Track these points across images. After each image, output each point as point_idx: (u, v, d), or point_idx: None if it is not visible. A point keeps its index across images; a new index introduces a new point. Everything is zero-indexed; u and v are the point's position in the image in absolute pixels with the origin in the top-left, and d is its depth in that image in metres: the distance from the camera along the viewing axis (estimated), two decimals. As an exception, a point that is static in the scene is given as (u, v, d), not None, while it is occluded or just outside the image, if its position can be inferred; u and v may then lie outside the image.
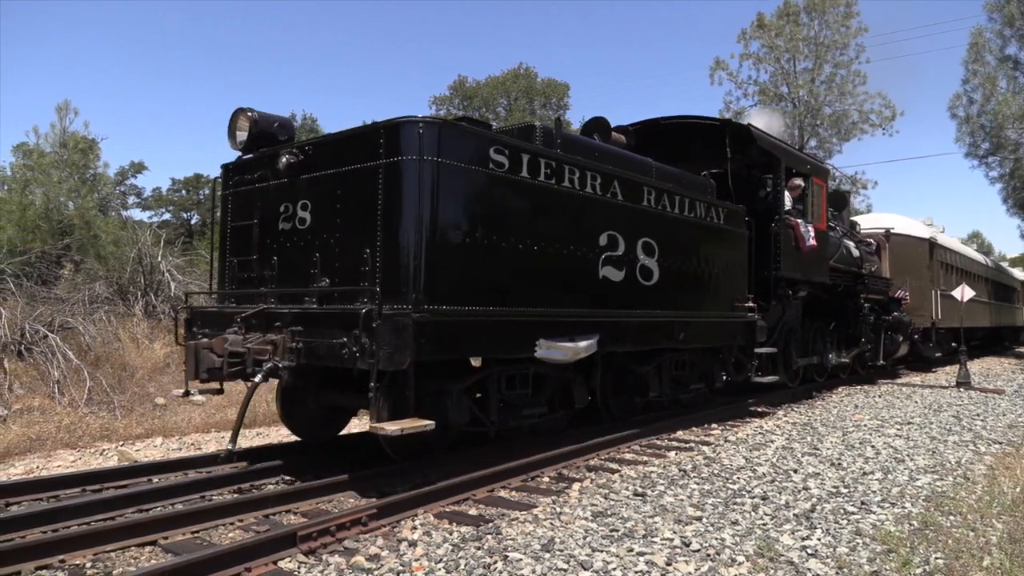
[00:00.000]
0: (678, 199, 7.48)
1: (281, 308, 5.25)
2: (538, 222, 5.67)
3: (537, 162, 5.67)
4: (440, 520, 4.42)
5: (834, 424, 8.41)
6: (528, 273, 5.57)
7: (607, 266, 6.43)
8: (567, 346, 5.80)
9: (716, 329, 8.21)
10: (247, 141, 5.83)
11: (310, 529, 3.84)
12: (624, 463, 6.14)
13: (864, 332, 13.38)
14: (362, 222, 4.94)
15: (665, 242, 7.18)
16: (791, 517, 4.55)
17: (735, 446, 6.92)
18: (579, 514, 4.52)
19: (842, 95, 33.16)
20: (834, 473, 5.83)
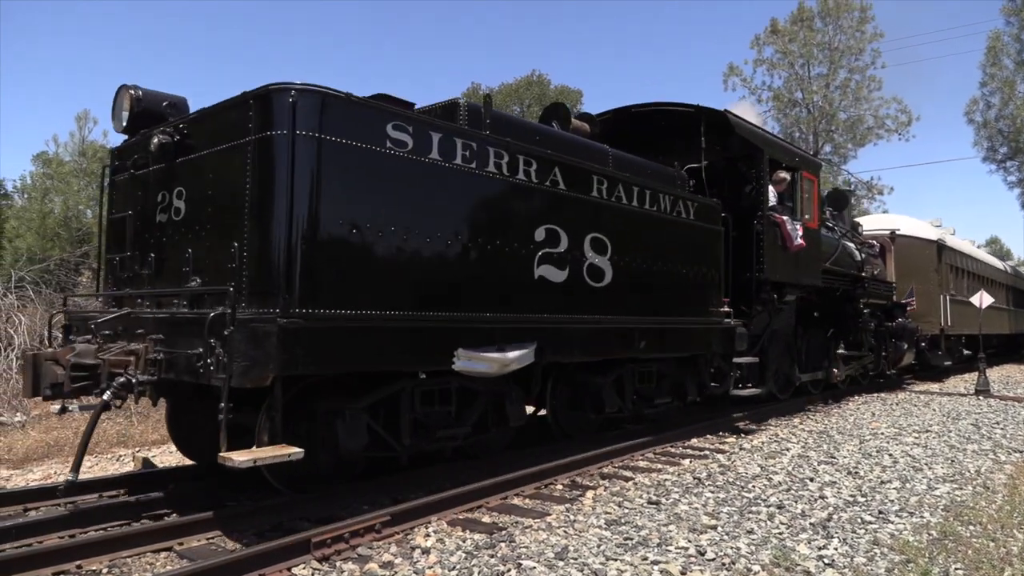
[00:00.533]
0: (637, 191, 6.63)
1: (144, 313, 4.56)
2: (454, 213, 4.90)
3: (452, 143, 4.87)
4: (453, 527, 4.41)
5: (850, 432, 8.33)
6: (441, 272, 4.80)
7: (545, 265, 5.60)
8: (493, 357, 5.05)
9: (686, 337, 7.37)
10: (129, 121, 5.04)
11: (324, 536, 3.84)
12: (638, 471, 6.11)
13: (864, 340, 12.51)
14: (231, 211, 4.20)
15: (621, 239, 6.37)
16: (807, 526, 4.51)
17: (750, 454, 6.86)
18: (593, 522, 4.50)
19: (857, 100, 32.95)
20: (851, 482, 5.77)
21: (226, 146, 4.31)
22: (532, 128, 6.17)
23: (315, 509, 4.59)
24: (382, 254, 4.42)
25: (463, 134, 5.02)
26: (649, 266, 6.78)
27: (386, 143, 4.44)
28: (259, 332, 3.83)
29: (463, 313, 4.96)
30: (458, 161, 4.92)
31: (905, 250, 15.59)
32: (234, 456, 3.72)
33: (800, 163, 9.73)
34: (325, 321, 4.09)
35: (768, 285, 8.68)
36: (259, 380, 3.85)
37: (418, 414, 5.16)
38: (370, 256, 4.35)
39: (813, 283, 9.90)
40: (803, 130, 33.75)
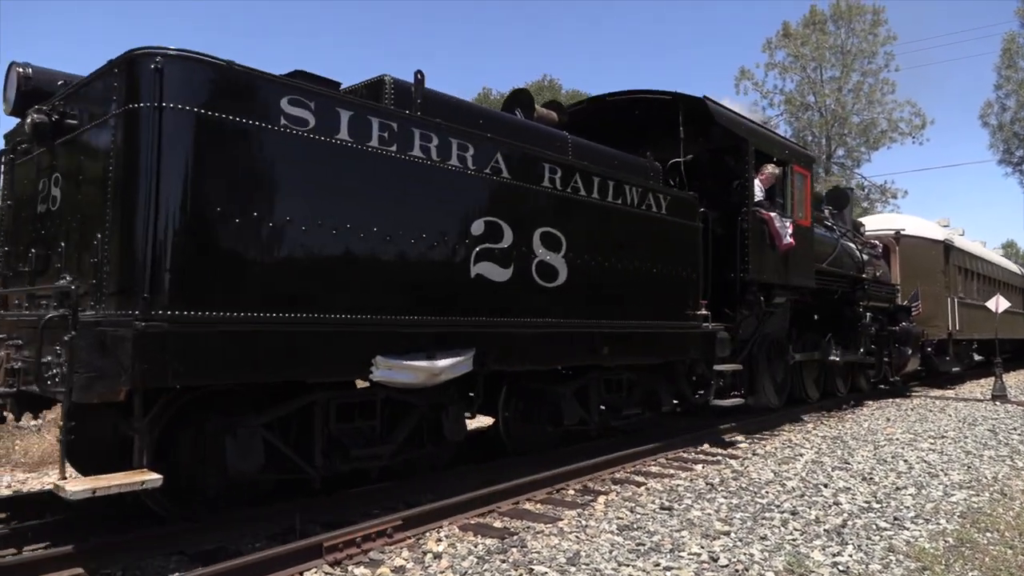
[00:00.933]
0: (598, 181, 6.03)
1: (8, 315, 4.12)
2: (369, 202, 4.30)
3: (365, 122, 4.28)
4: (465, 532, 4.41)
5: (865, 438, 8.25)
6: (352, 269, 4.21)
7: (484, 262, 4.99)
8: (419, 366, 4.48)
9: (658, 342, 6.77)
10: (17, 101, 4.47)
11: (336, 540, 3.85)
12: (650, 476, 6.08)
13: (864, 345, 11.81)
14: (96, 198, 3.68)
15: (579, 235, 5.79)
16: (821, 532, 4.47)
17: (763, 459, 6.82)
18: (605, 527, 4.48)
19: (870, 104, 32.86)
20: (865, 488, 5.72)
21: (94, 123, 3.77)
22: (476, 111, 5.57)
23: (328, 513, 4.59)
24: (275, 248, 3.83)
25: (381, 113, 4.42)
26: (614, 265, 6.17)
27: (280, 120, 3.86)
28: (107, 338, 3.27)
29: (381, 316, 4.33)
30: (374, 143, 4.32)
31: (910, 251, 15.00)
32: (67, 486, 3.15)
33: (790, 156, 9.09)
34: (202, 325, 3.52)
35: (755, 286, 8.11)
36: (108, 395, 3.30)
37: (334, 431, 4.55)
38: (260, 250, 3.77)
39: (805, 284, 9.32)
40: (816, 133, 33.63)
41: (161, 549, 3.92)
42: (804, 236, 9.17)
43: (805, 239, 9.20)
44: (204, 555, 3.89)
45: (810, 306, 10.31)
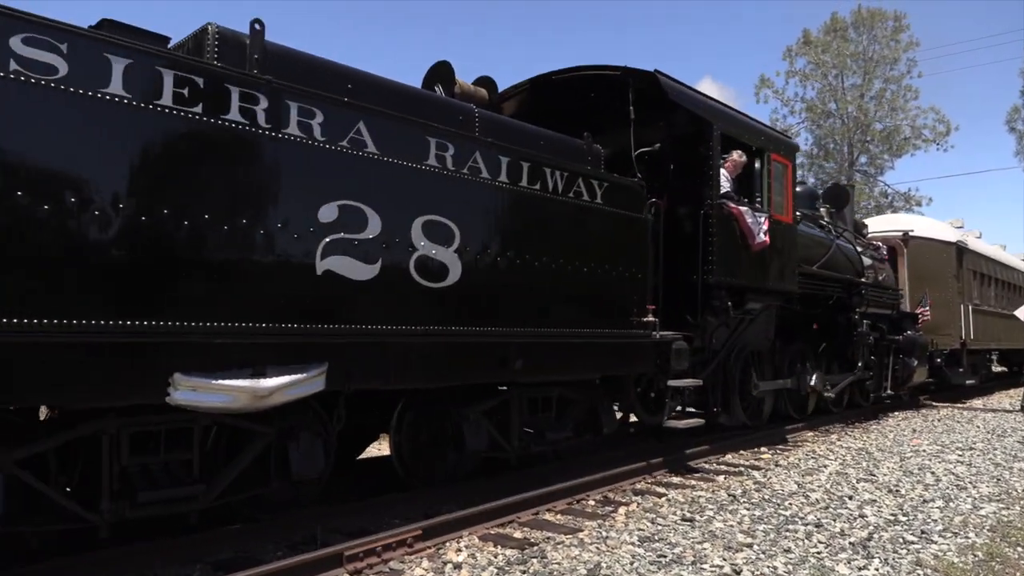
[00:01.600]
0: (507, 162, 5.12)
1: None
2: (161, 176, 3.43)
3: (153, 75, 3.40)
4: (485, 542, 4.40)
5: (890, 449, 8.14)
6: (138, 261, 3.32)
7: (337, 256, 4.09)
8: (237, 385, 3.59)
9: (593, 354, 5.84)
10: None
11: (357, 549, 3.87)
12: (671, 487, 6.04)
13: (861, 355, 10.61)
14: None
15: (479, 225, 4.92)
16: (847, 545, 4.41)
17: (786, 471, 6.74)
18: (626, 539, 4.45)
19: (893, 110, 32.51)
20: (892, 500, 5.63)
21: None
22: (343, 74, 4.67)
23: (349, 522, 4.61)
24: (10, 233, 2.96)
25: (181, 65, 3.53)
26: (530, 262, 5.27)
27: (9, 64, 2.99)
28: None
29: (178, 323, 3.45)
30: (166, 102, 3.43)
31: (919, 254, 13.92)
32: None
33: (767, 143, 8.08)
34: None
35: (723, 290, 7.14)
36: None
37: (128, 466, 3.63)
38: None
39: (786, 289, 8.26)
40: (837, 141, 33.34)
41: (184, 557, 3.94)
42: (785, 234, 8.18)
43: (786, 238, 8.22)
44: (226, 563, 3.91)
45: (799, 313, 9.34)
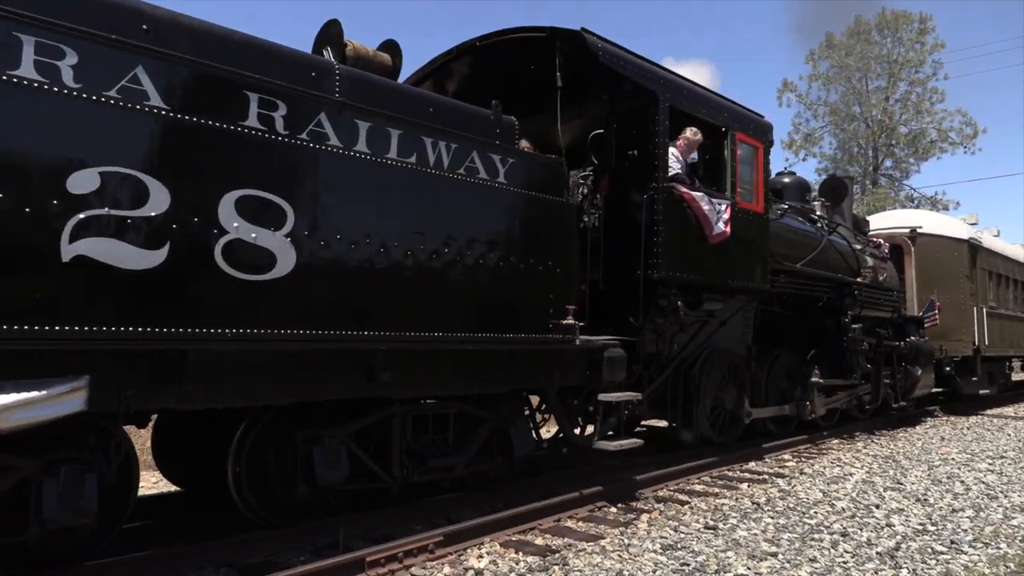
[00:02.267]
0: (367, 128, 4.27)
1: None
2: None
3: None
4: (506, 549, 4.40)
5: (918, 457, 8.01)
6: None
7: (96, 238, 3.24)
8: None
9: (493, 364, 4.96)
10: None
11: (378, 555, 3.89)
12: (694, 494, 5.99)
13: (855, 363, 9.58)
14: None
15: (323, 204, 4.03)
16: (874, 555, 4.34)
17: (811, 479, 6.66)
18: (648, 546, 4.43)
19: (918, 113, 32.12)
20: (920, 509, 5.54)
21: None
22: (137, 13, 3.59)
23: (371, 527, 4.62)
24: None
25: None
26: (401, 252, 4.37)
27: None
28: None
29: None
30: None
31: (928, 252, 13.04)
32: None
33: (732, 121, 7.20)
34: None
35: (672, 288, 6.32)
36: None
37: None
38: None
39: (753, 287, 7.35)
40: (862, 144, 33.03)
41: (209, 561, 3.98)
42: (753, 226, 7.30)
43: (755, 229, 7.33)
44: (251, 568, 3.95)
45: (784, 316, 8.71)
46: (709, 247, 6.61)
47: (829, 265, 9.26)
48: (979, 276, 13.77)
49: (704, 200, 6.48)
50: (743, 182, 7.21)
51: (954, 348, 12.79)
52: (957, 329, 12.92)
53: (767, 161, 7.68)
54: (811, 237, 9.13)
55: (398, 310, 4.39)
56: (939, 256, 13.14)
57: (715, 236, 6.56)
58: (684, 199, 6.37)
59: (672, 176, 6.36)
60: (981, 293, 13.76)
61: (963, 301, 13.14)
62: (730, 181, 7.03)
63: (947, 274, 13.07)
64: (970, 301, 13.26)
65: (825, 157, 33.33)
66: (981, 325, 13.50)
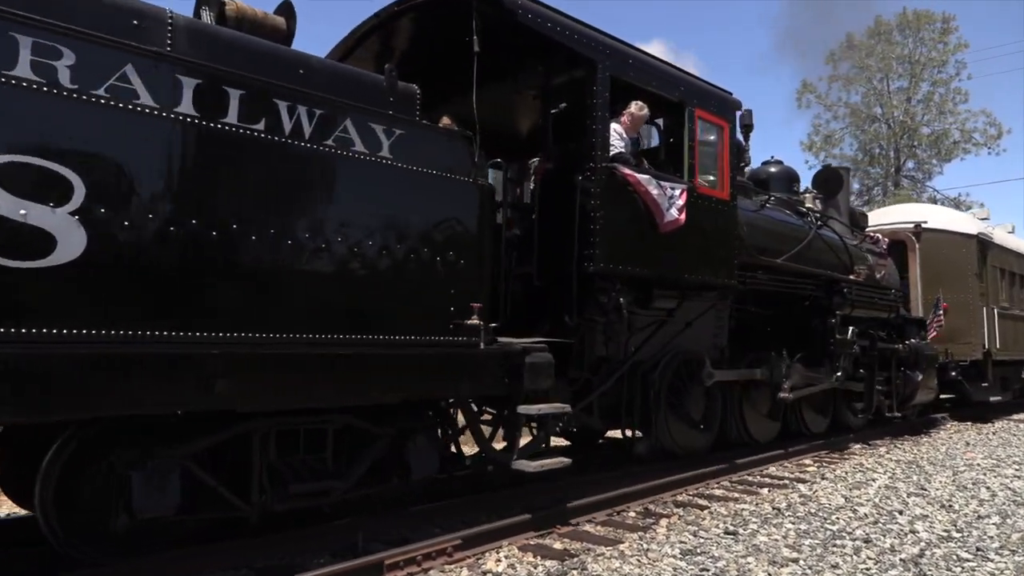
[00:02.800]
0: (195, 86, 3.56)
1: None
2: None
3: None
4: (524, 553, 4.39)
5: (942, 463, 7.89)
6: None
7: None
8: None
9: (377, 371, 4.23)
10: None
11: (397, 558, 3.91)
12: (714, 499, 5.94)
13: (843, 368, 8.74)
14: None
15: (133, 175, 3.36)
16: (897, 562, 4.29)
17: (833, 484, 6.59)
18: (667, 551, 4.40)
19: (941, 114, 31.69)
20: (944, 516, 5.46)
21: None
22: None
23: (389, 530, 4.64)
24: None
25: None
26: (244, 236, 3.69)
27: None
28: None
29: None
30: None
31: (933, 249, 12.17)
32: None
33: (690, 96, 6.43)
34: None
35: (615, 283, 5.65)
36: None
37: None
38: None
39: (717, 282, 6.63)
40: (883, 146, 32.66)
41: (228, 563, 4.01)
42: (717, 214, 6.55)
43: (719, 218, 6.59)
44: (270, 570, 3.97)
45: (765, 317, 8.12)
46: (660, 237, 5.90)
47: (817, 261, 8.61)
48: (990, 274, 12.94)
49: (652, 183, 5.73)
50: (705, 166, 6.51)
51: (962, 351, 12.00)
52: (965, 331, 12.09)
53: (735, 143, 6.93)
54: (796, 230, 8.48)
55: (239, 307, 3.67)
56: (946, 253, 12.30)
57: (667, 224, 5.84)
58: (628, 182, 5.65)
59: (614, 156, 5.69)
60: (992, 293, 12.91)
61: (971, 301, 12.26)
62: (687, 163, 6.29)
63: (954, 272, 12.26)
64: (979, 301, 12.38)
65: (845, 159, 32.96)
66: (992, 327, 12.63)
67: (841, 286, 8.80)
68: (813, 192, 9.88)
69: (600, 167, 5.55)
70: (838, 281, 8.83)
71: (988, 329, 12.48)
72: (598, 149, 5.57)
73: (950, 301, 11.75)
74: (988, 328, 12.49)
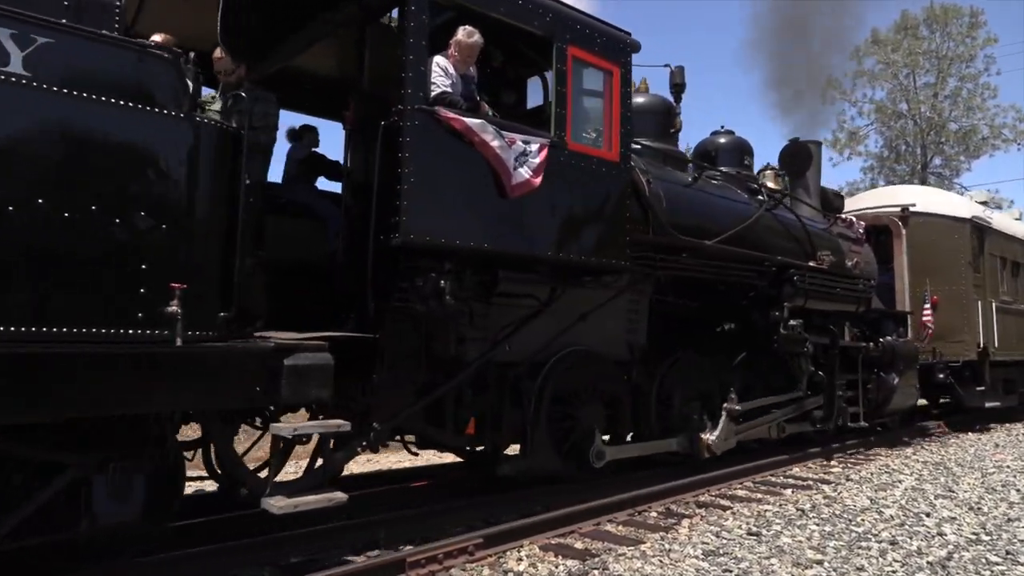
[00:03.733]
0: None
1: None
2: None
3: None
4: (546, 552, 4.39)
5: (971, 464, 7.77)
6: None
7: None
8: None
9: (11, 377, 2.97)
10: None
11: (418, 556, 3.93)
12: (736, 500, 5.90)
13: (799, 370, 7.72)
14: None
15: None
16: (924, 565, 4.23)
17: (858, 485, 6.51)
18: (689, 552, 4.37)
19: (969, 110, 31.10)
20: (973, 518, 5.38)
21: None
22: None
23: (411, 528, 4.66)
24: None
25: None
26: None
27: None
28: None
29: None
30: None
31: (922, 235, 10.76)
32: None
33: (556, 28, 5.12)
34: None
35: (442, 260, 4.52)
36: None
37: None
38: None
39: (598, 264, 5.38)
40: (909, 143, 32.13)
41: (252, 560, 4.07)
42: (600, 178, 5.34)
43: (604, 184, 5.37)
44: (294, 567, 4.02)
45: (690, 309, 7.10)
46: (507, 204, 4.68)
47: (765, 245, 7.33)
48: (988, 264, 11.54)
49: (490, 133, 4.56)
50: (583, 119, 5.32)
51: (954, 351, 10.65)
52: (957, 328, 10.71)
53: (627, 92, 5.59)
54: (734, 208, 7.13)
55: None
56: (936, 239, 10.91)
57: (516, 187, 4.65)
58: (455, 130, 4.46)
59: (436, 97, 4.53)
60: (991, 284, 11.53)
61: (965, 294, 10.88)
62: (554, 113, 5.09)
63: (946, 261, 10.88)
64: (974, 294, 11.00)
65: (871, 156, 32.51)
66: (989, 323, 11.21)
67: (791, 274, 7.47)
68: (775, 169, 8.70)
69: (412, 110, 4.32)
70: (787, 267, 7.51)
71: (985, 325, 11.12)
72: (411, 87, 4.36)
73: (941, 294, 10.51)
74: (985, 324, 11.12)
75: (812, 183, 9.20)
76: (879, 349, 8.85)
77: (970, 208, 11.69)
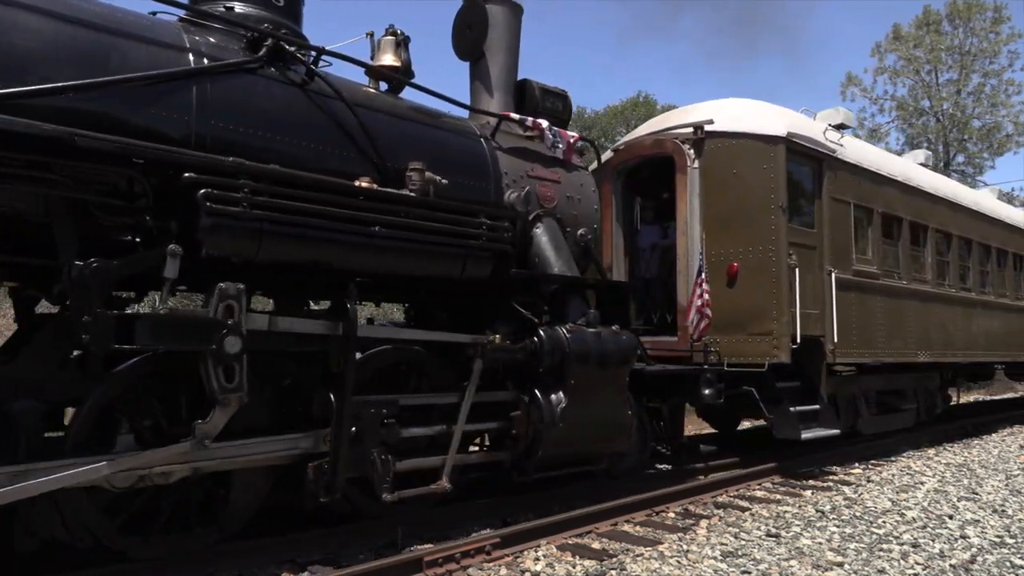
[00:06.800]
0: None
1: None
2: None
3: None
4: (563, 552, 4.39)
5: (995, 466, 7.66)
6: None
7: None
8: None
9: None
10: None
11: (436, 555, 3.94)
12: (755, 501, 5.86)
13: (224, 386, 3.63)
14: None
15: None
16: (947, 568, 4.18)
17: (879, 487, 6.44)
18: (707, 553, 4.35)
19: (993, 106, 30.67)
20: (997, 521, 5.30)
21: None
22: None
23: (429, 528, 4.67)
24: None
25: None
26: None
27: None
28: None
29: None
30: None
31: (721, 166, 7.07)
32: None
33: None
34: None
35: None
36: None
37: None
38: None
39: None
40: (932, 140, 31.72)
41: (273, 558, 4.07)
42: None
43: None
44: (314, 565, 4.04)
45: None
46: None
47: None
48: (829, 213, 7.52)
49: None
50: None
51: (754, 349, 6.79)
52: (760, 311, 6.82)
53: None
54: None
55: None
56: (739, 172, 7.00)
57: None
58: None
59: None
60: (835, 246, 7.52)
61: (775, 256, 6.84)
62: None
63: (753, 207, 6.94)
64: (788, 257, 6.86)
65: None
66: (823, 303, 7.26)
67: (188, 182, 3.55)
68: (399, 34, 5.24)
69: None
70: None
71: (812, 308, 7.11)
72: None
73: (744, 259, 6.91)
74: (812, 306, 7.11)
75: (498, 69, 5.96)
76: (530, 347, 4.92)
77: (786, 121, 7.30)
